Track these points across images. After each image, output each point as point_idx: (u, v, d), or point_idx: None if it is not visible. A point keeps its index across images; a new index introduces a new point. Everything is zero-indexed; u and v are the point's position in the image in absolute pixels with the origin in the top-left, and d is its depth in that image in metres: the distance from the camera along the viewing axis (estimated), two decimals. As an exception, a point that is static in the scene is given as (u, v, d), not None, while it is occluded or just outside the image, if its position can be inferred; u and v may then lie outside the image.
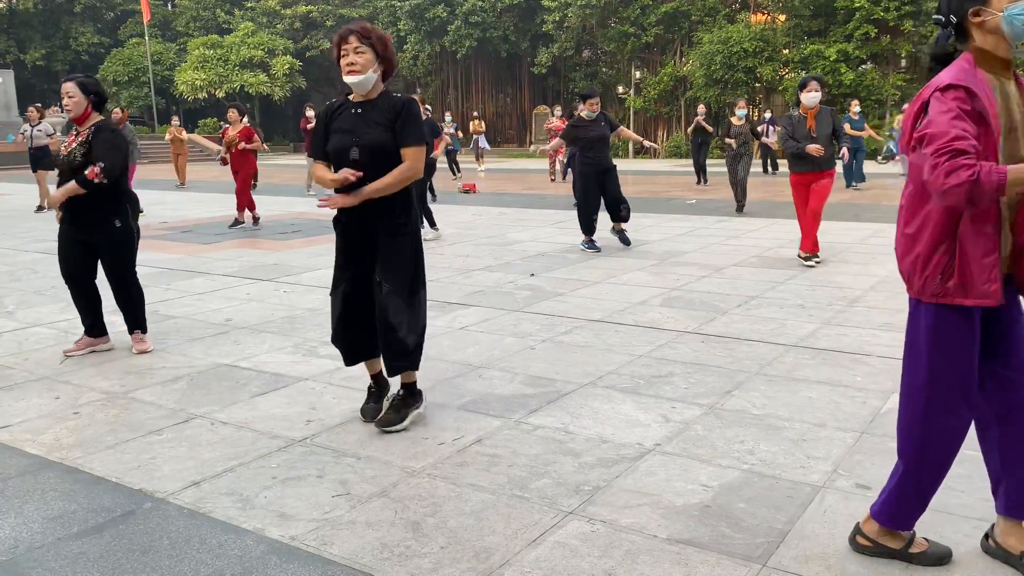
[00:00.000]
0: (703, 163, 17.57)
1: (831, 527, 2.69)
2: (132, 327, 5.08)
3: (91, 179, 4.64)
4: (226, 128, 11.71)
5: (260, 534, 2.73)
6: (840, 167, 10.70)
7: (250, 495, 3.02)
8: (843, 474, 3.10)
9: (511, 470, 3.19)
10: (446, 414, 3.85)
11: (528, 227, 10.96)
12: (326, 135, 3.59)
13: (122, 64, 40.73)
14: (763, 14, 30.10)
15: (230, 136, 11.39)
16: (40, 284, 7.29)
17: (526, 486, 3.05)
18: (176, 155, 20.07)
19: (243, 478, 3.17)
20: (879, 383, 4.15)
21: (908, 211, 2.31)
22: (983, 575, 2.41)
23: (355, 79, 3.45)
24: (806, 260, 7.63)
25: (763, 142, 12.44)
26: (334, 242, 3.73)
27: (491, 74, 39.05)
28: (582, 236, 8.84)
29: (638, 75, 32.26)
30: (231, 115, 11.67)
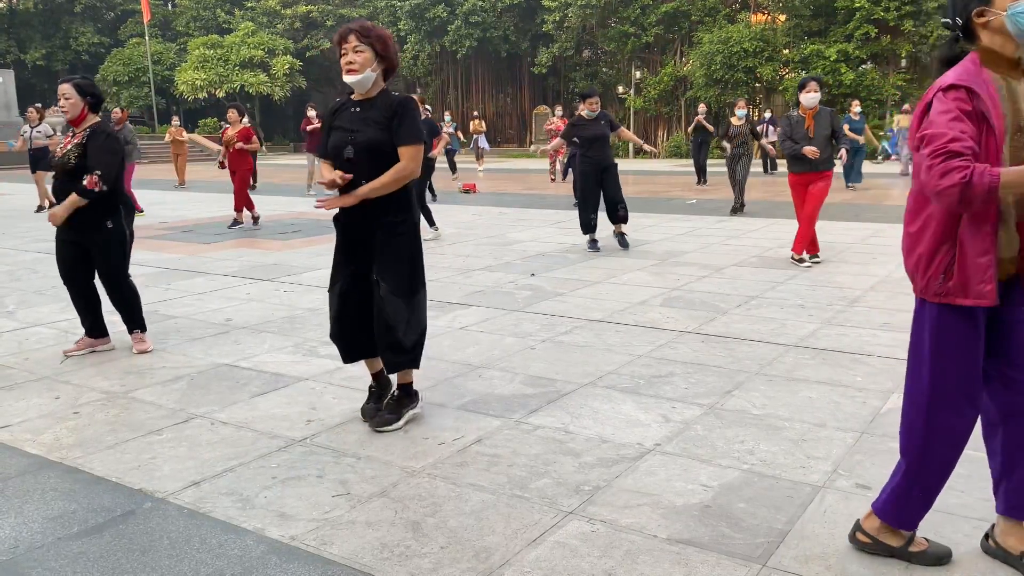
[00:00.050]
0: (703, 163, 17.57)
1: (831, 527, 2.69)
2: (131, 327, 5.08)
3: (91, 189, 4.66)
4: (226, 128, 11.74)
5: (260, 534, 2.73)
6: (840, 167, 10.69)
7: (250, 495, 3.02)
8: (843, 474, 3.10)
9: (511, 470, 3.20)
10: (446, 414, 3.85)
11: (528, 227, 10.97)
12: (328, 134, 3.61)
13: (122, 64, 40.71)
14: (763, 14, 30.12)
15: (228, 136, 11.41)
16: (40, 284, 7.29)
17: (526, 486, 3.05)
18: (176, 155, 20.12)
19: (243, 478, 3.17)
20: (879, 383, 4.15)
21: (912, 210, 2.32)
22: (983, 575, 2.41)
23: (353, 78, 3.45)
24: (799, 262, 7.62)
25: (762, 144, 12.40)
26: (335, 240, 3.73)
27: (491, 74, 39.05)
28: (582, 236, 8.84)
29: (638, 75, 32.27)
30: (231, 115, 11.70)
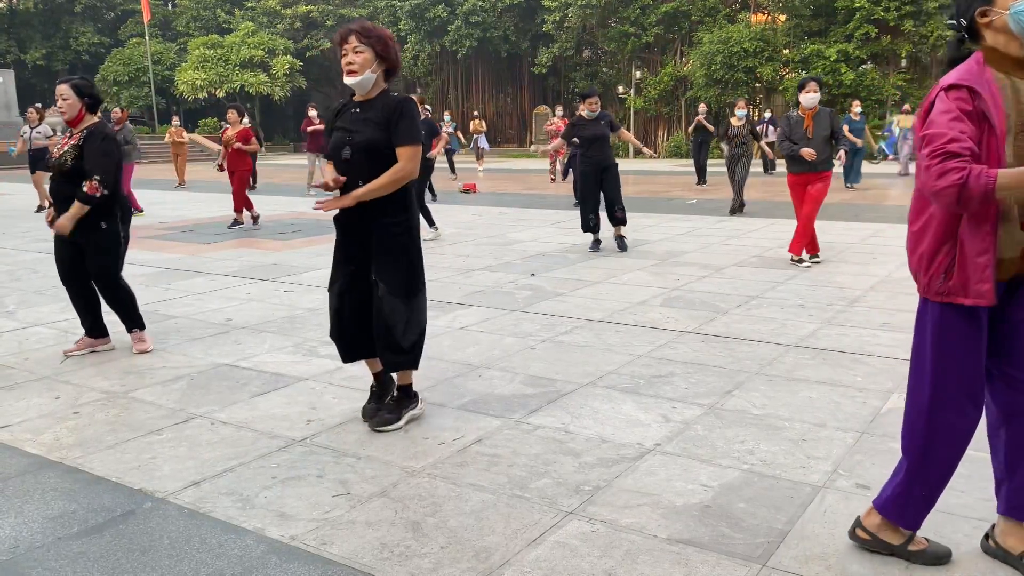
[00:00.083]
0: (703, 163, 17.56)
1: (831, 527, 2.69)
2: (129, 326, 5.08)
3: (92, 194, 4.66)
4: (225, 128, 11.74)
5: (260, 534, 2.73)
6: (839, 167, 10.70)
7: (250, 495, 3.02)
8: (843, 474, 3.10)
9: (511, 470, 3.19)
10: (446, 414, 3.85)
11: (528, 227, 10.97)
12: (330, 135, 3.61)
13: (122, 64, 40.72)
14: (763, 14, 30.13)
15: (227, 136, 11.41)
16: (40, 284, 7.29)
17: (526, 486, 3.05)
18: (176, 155, 20.13)
19: (243, 478, 3.17)
20: (879, 383, 4.15)
21: (915, 210, 2.32)
22: (983, 575, 2.41)
23: (353, 80, 3.45)
24: (799, 262, 7.62)
25: (762, 145, 12.39)
26: (335, 240, 3.74)
27: (491, 74, 39.06)
28: (583, 236, 8.84)
29: (638, 75, 32.27)
30: (230, 116, 11.70)
